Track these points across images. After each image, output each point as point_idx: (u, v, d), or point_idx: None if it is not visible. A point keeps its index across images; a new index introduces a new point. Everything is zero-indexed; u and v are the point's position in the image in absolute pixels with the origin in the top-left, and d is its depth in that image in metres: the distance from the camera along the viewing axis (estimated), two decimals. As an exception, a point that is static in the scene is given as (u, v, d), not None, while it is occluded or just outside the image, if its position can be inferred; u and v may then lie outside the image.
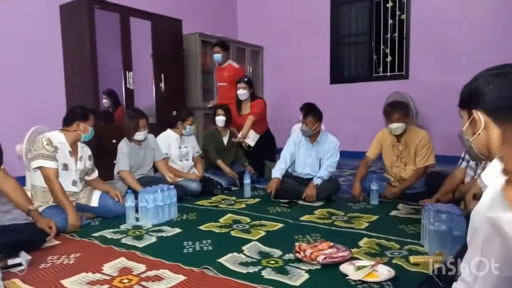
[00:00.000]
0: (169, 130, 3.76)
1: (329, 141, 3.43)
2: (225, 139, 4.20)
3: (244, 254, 2.05)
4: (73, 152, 2.70)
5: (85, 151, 2.84)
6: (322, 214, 2.88)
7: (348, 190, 3.42)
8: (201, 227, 2.57)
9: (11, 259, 1.86)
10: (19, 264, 1.86)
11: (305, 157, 3.50)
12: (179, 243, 2.25)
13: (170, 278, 1.77)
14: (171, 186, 2.89)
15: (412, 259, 1.90)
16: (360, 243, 2.22)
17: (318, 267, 1.86)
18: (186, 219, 2.80)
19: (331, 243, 2.02)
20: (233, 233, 2.43)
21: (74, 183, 2.71)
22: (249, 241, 2.25)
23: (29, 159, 2.65)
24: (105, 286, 1.71)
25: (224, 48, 4.67)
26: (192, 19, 5.52)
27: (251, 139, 4.45)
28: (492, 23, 4.79)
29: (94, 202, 2.78)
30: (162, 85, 4.81)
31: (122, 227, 2.58)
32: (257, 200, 3.36)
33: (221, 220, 2.73)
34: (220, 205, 3.19)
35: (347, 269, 1.79)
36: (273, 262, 1.94)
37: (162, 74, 4.80)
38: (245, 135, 4.34)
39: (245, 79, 4.47)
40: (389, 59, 5.67)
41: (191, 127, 3.79)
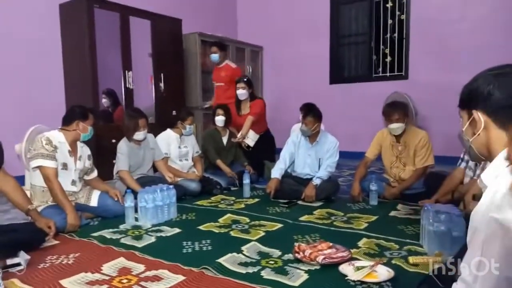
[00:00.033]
0: (169, 130, 3.76)
1: (329, 141, 3.43)
2: (225, 139, 4.20)
3: (244, 254, 2.05)
4: (73, 152, 2.70)
5: (85, 151, 2.84)
6: (322, 215, 2.88)
7: (348, 191, 3.42)
8: (201, 227, 2.57)
9: (10, 259, 1.86)
10: (18, 264, 1.85)
11: (305, 157, 3.50)
12: (179, 243, 2.25)
13: (170, 278, 1.77)
14: (171, 186, 2.89)
15: (411, 260, 1.90)
16: (360, 244, 2.22)
17: (318, 268, 1.85)
18: (186, 219, 2.80)
19: (331, 244, 2.02)
20: (233, 233, 2.43)
21: (73, 183, 2.71)
22: (249, 241, 2.25)
23: (28, 159, 2.64)
24: (104, 286, 1.71)
25: (221, 48, 4.67)
26: (192, 19, 5.52)
27: (251, 139, 4.44)
28: (492, 23, 4.79)
29: (93, 202, 2.77)
30: (162, 85, 4.80)
31: (122, 227, 2.58)
32: (257, 200, 3.36)
33: (221, 220, 2.73)
34: (220, 205, 3.19)
35: (347, 270, 1.78)
36: (273, 262, 1.94)
37: (162, 74, 4.79)
38: (245, 135, 4.34)
39: (245, 79, 4.46)
40: (389, 59, 5.68)
41: (191, 127, 3.79)
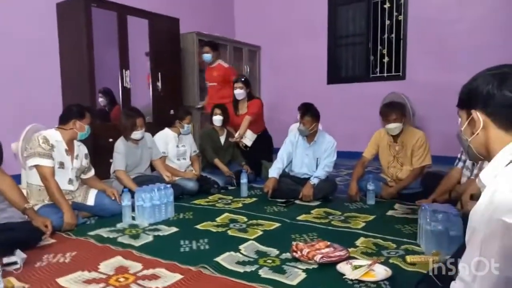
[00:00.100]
0: (167, 129, 3.76)
1: (326, 141, 3.43)
2: (222, 139, 4.19)
3: (241, 253, 2.05)
4: (69, 151, 2.69)
5: (82, 150, 2.83)
6: (319, 214, 2.88)
7: (345, 190, 3.42)
8: (198, 226, 2.57)
9: (7, 258, 1.85)
10: (15, 263, 1.84)
11: (302, 157, 3.50)
12: (176, 242, 2.25)
13: (167, 277, 1.76)
14: (168, 185, 2.88)
15: (409, 259, 1.91)
16: (357, 243, 2.22)
17: (315, 267, 1.86)
18: (183, 218, 2.80)
19: (328, 243, 2.02)
20: (230, 232, 2.43)
21: (70, 182, 2.70)
22: (246, 240, 2.25)
23: (25, 157, 2.63)
24: (101, 285, 1.70)
25: (214, 48, 4.65)
26: (190, 18, 5.51)
27: (248, 139, 4.44)
28: (491, 23, 4.80)
29: (90, 201, 2.76)
30: (159, 84, 4.79)
31: (119, 226, 2.57)
32: (254, 200, 3.36)
33: (218, 219, 2.73)
34: (217, 204, 3.19)
35: (344, 269, 1.79)
36: (270, 262, 1.94)
37: (159, 73, 4.78)
38: (242, 135, 4.33)
39: (242, 79, 4.44)
40: (386, 60, 5.69)
41: (189, 126, 3.78)
